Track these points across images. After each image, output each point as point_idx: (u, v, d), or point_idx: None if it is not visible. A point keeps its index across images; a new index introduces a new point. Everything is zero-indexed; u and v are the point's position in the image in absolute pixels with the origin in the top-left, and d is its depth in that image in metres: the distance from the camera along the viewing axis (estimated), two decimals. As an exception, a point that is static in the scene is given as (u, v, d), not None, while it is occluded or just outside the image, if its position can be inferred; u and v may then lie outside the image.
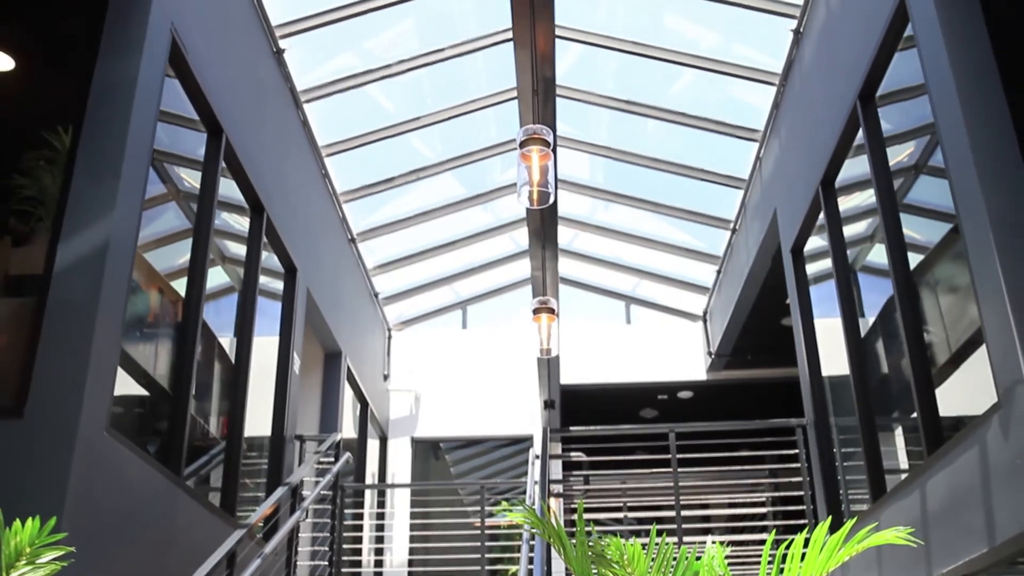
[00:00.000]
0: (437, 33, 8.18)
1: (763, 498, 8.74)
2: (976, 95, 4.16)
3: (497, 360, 11.71)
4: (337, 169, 8.91)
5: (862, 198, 5.81)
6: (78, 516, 3.69)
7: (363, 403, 10.21)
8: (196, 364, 5.16)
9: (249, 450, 6.29)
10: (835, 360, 6.57)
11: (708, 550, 2.82)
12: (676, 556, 2.81)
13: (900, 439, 5.57)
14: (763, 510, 8.67)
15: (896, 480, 5.23)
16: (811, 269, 7.11)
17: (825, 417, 6.81)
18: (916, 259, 5.08)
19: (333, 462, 7.44)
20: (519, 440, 11.90)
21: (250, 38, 6.52)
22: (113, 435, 4.05)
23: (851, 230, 6.11)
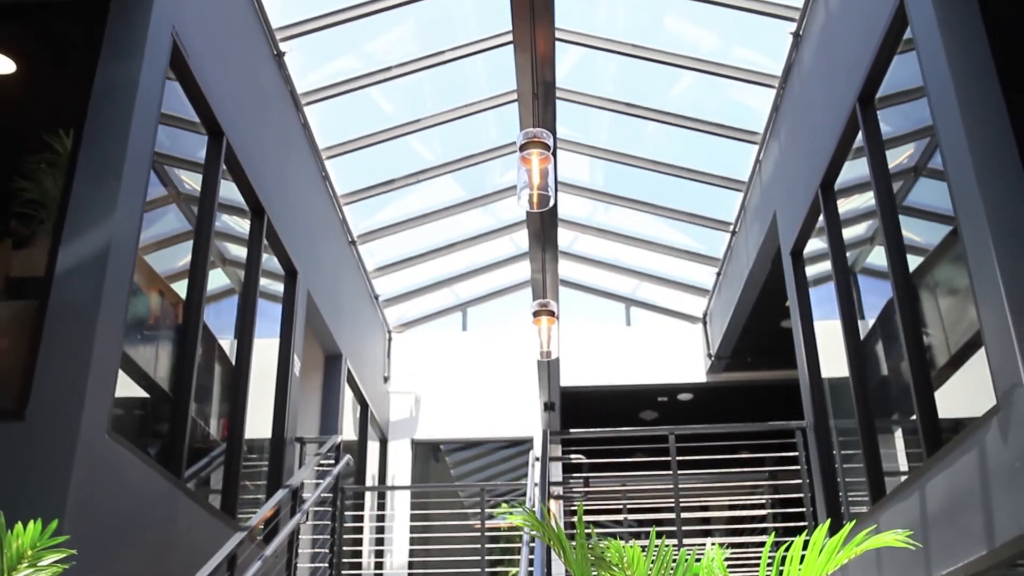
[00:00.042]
0: (437, 36, 8.19)
1: (763, 500, 8.74)
2: (975, 98, 4.16)
3: (497, 362, 11.72)
4: (337, 171, 8.92)
5: (861, 200, 5.81)
6: (79, 519, 3.70)
7: (363, 405, 10.22)
8: (197, 366, 5.16)
9: (250, 452, 6.30)
10: (835, 362, 6.57)
11: (708, 552, 2.84)
12: (676, 558, 2.82)
13: (900, 441, 5.58)
14: (763, 512, 8.67)
15: (896, 482, 5.23)
16: (811, 271, 7.12)
17: (825, 419, 6.81)
18: (916, 261, 5.09)
19: (333, 464, 7.45)
20: (519, 442, 11.91)
21: (251, 41, 6.53)
22: (114, 438, 4.05)
23: (851, 232, 6.12)
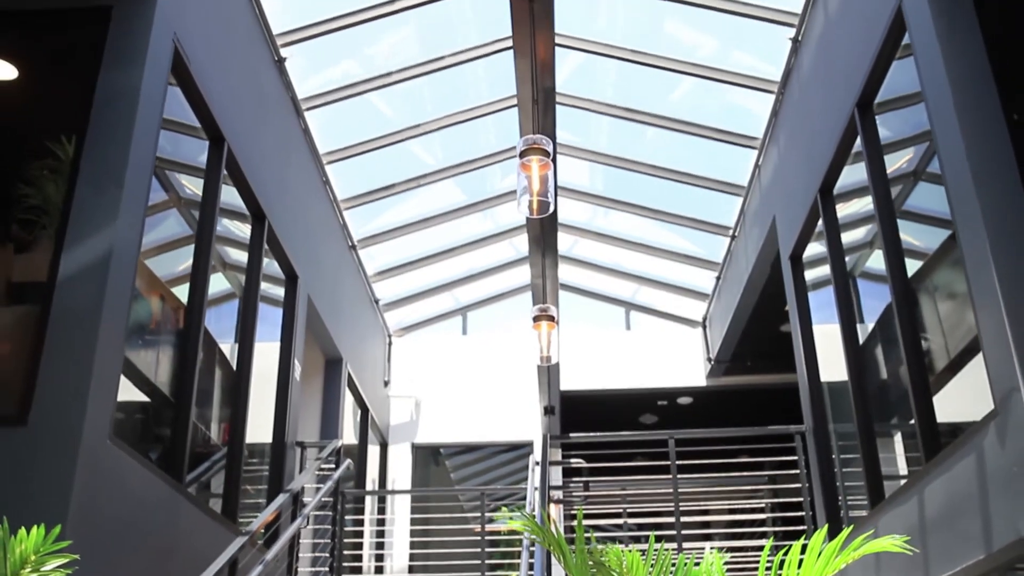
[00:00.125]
0: (437, 41, 8.21)
1: (762, 504, 8.75)
2: (972, 103, 4.18)
3: (497, 366, 11.73)
4: (338, 176, 8.94)
5: (860, 205, 5.83)
6: (81, 524, 3.71)
7: (363, 409, 10.23)
8: (198, 371, 5.18)
9: (250, 457, 6.31)
10: (834, 366, 6.59)
11: (707, 557, 2.85)
12: (675, 563, 2.84)
13: (899, 446, 5.59)
14: (762, 516, 8.68)
15: (895, 486, 5.24)
16: (810, 275, 7.14)
17: (824, 424, 6.83)
18: (916, 265, 5.10)
19: (334, 468, 7.47)
20: (519, 446, 11.92)
21: (252, 47, 6.55)
22: (116, 443, 4.07)
23: (849, 237, 6.14)
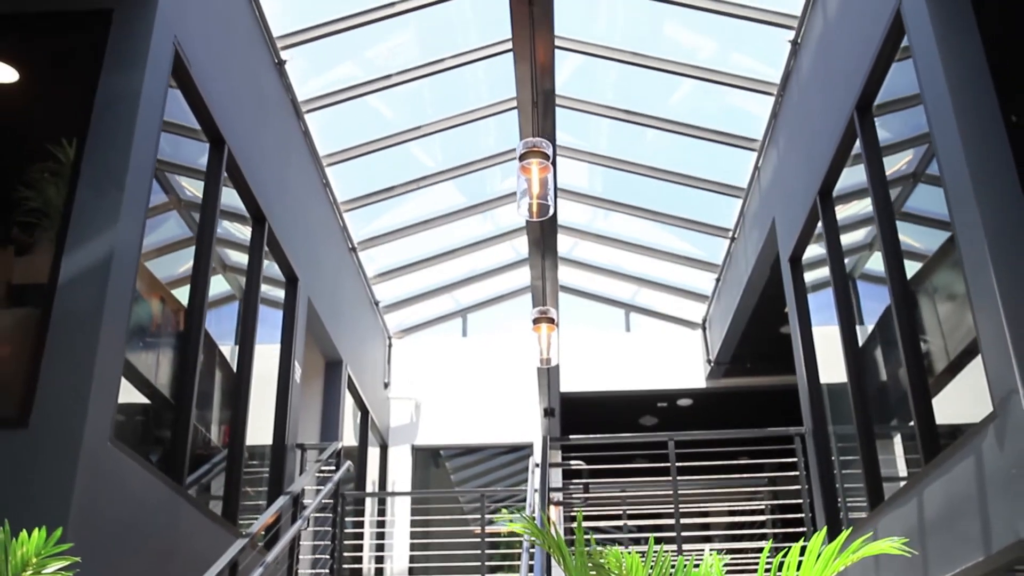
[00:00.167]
0: (437, 43, 8.22)
1: (762, 506, 8.76)
2: (971, 106, 4.19)
3: (497, 368, 11.74)
4: (338, 178, 8.95)
5: (860, 206, 5.84)
6: (82, 526, 3.72)
7: (363, 411, 10.24)
8: (198, 373, 5.19)
9: (251, 459, 6.32)
10: (834, 368, 6.60)
11: (706, 559, 2.86)
12: (674, 565, 2.84)
13: (898, 447, 5.60)
14: (762, 518, 8.69)
15: (894, 488, 5.25)
16: (809, 277, 7.14)
17: (823, 425, 6.83)
18: (916, 267, 5.11)
19: (334, 470, 7.47)
20: (519, 448, 11.92)
21: (252, 49, 6.56)
22: (117, 445, 4.08)
23: (849, 239, 6.15)
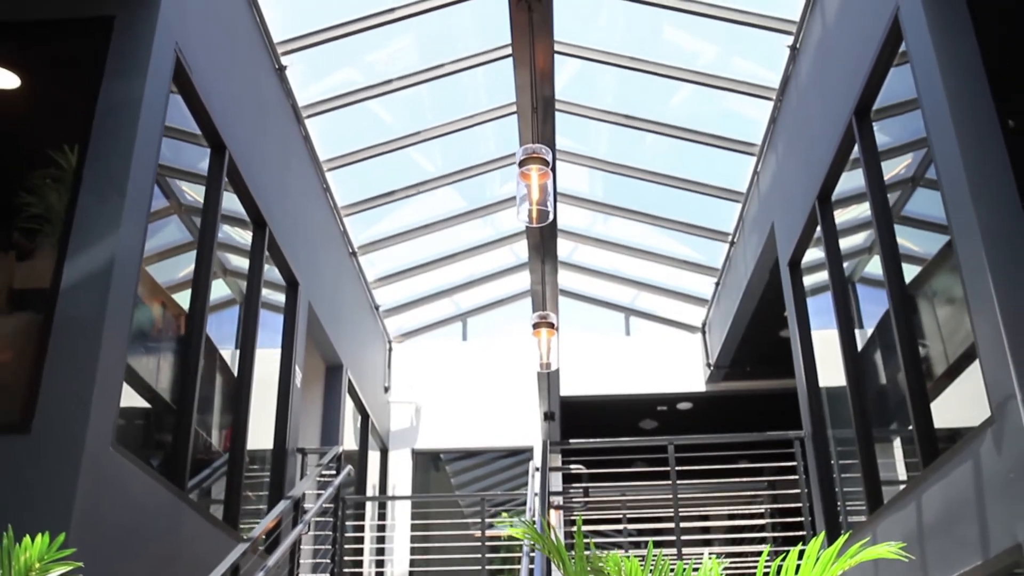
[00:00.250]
0: (437, 49, 8.25)
1: (762, 510, 8.77)
2: (968, 111, 4.21)
3: (497, 372, 11.75)
4: (338, 183, 8.98)
5: (859, 211, 5.86)
6: (84, 531, 3.73)
7: (364, 415, 10.25)
8: (199, 377, 5.20)
9: (251, 463, 6.33)
10: (833, 372, 6.61)
11: (705, 563, 2.87)
12: (673, 569, 2.86)
13: (897, 451, 5.62)
14: (762, 522, 8.70)
15: (893, 492, 5.27)
16: (808, 281, 7.16)
17: (823, 429, 6.85)
18: (916, 270, 5.12)
19: (335, 475, 7.48)
20: (519, 452, 11.94)
21: (253, 55, 6.59)
22: (118, 450, 4.10)
23: (848, 242, 6.16)
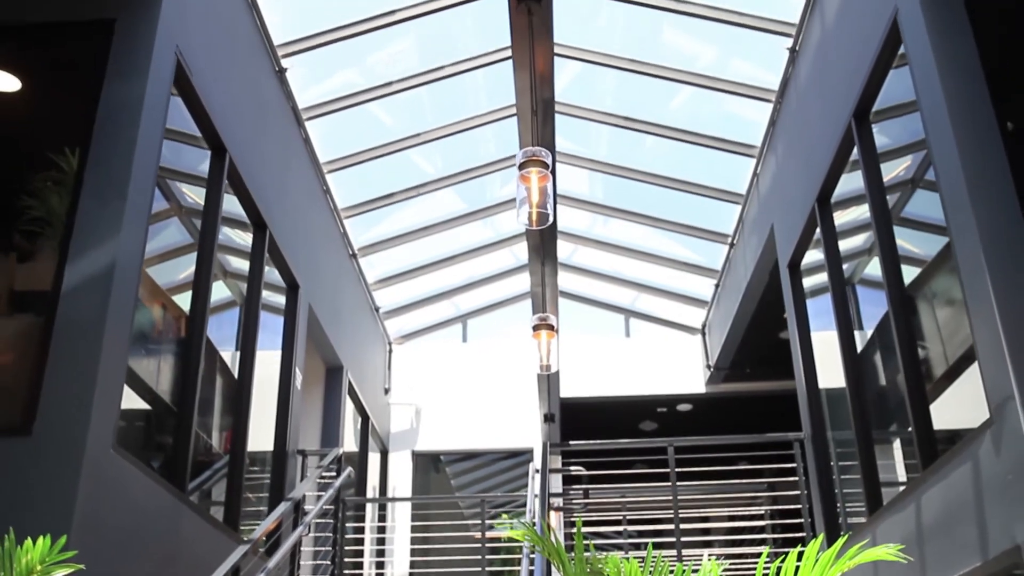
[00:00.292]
0: (437, 51, 8.26)
1: (761, 511, 8.78)
2: (967, 113, 4.22)
3: (497, 373, 11.76)
4: (338, 185, 8.99)
5: (858, 212, 5.87)
6: (85, 533, 3.74)
7: (364, 417, 10.26)
8: (200, 379, 5.21)
9: (252, 465, 6.34)
10: (832, 374, 6.62)
11: (704, 565, 2.88)
12: (672, 570, 2.87)
13: (897, 453, 5.62)
14: (761, 523, 8.70)
15: (893, 493, 5.28)
16: (808, 283, 7.17)
17: (822, 431, 6.85)
18: (915, 271, 5.13)
19: (335, 476, 7.49)
20: (519, 453, 11.95)
21: (253, 58, 6.60)
22: (119, 452, 4.10)
23: (848, 244, 6.17)
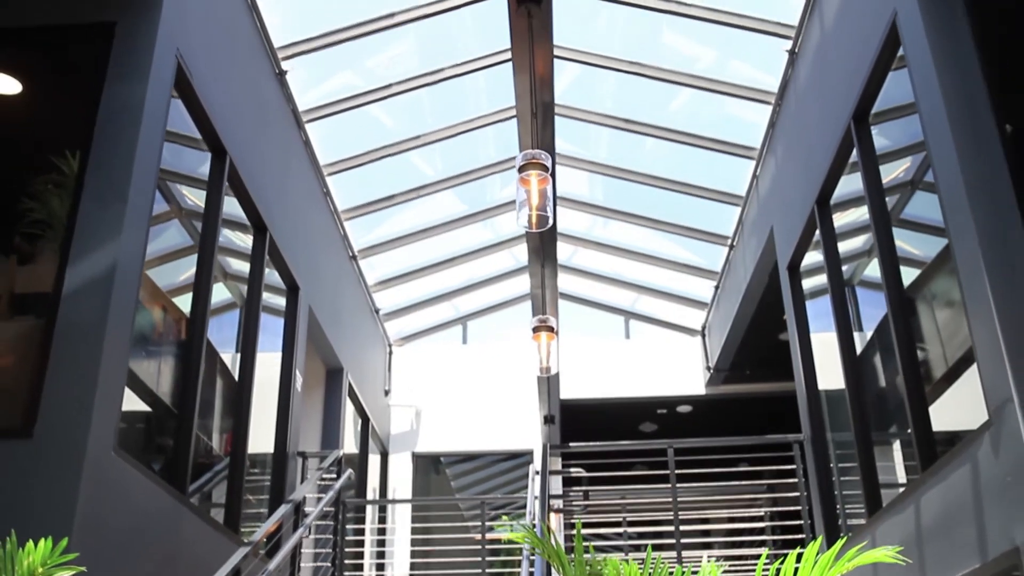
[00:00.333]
0: (437, 53, 8.28)
1: (761, 513, 8.79)
2: (965, 115, 4.23)
3: (497, 375, 11.77)
4: (338, 187, 9.00)
5: (857, 214, 5.88)
6: (86, 535, 3.75)
7: (364, 419, 10.27)
8: (200, 381, 5.22)
9: (252, 467, 6.35)
10: (832, 375, 6.63)
11: (704, 567, 2.89)
12: (672, 572, 2.87)
13: (896, 454, 5.63)
14: (761, 525, 8.71)
15: (892, 494, 5.28)
16: (807, 285, 7.18)
17: (822, 432, 6.86)
18: (915, 273, 5.14)
19: (335, 478, 7.50)
20: (519, 455, 11.95)
21: (253, 60, 6.61)
22: (120, 454, 4.11)
23: (847, 246, 6.18)
